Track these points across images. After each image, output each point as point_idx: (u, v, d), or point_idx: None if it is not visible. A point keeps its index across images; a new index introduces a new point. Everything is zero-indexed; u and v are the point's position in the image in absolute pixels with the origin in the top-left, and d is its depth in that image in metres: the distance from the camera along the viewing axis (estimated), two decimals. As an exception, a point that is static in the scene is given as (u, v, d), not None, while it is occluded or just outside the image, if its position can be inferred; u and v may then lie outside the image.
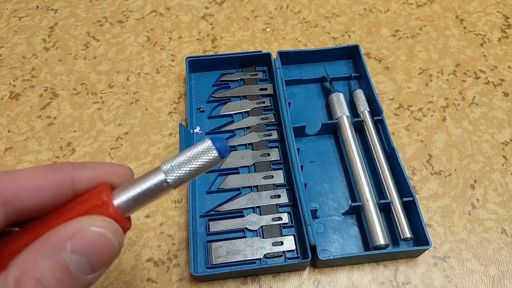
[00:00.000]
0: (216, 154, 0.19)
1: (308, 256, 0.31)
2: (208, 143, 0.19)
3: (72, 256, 0.16)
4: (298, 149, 0.37)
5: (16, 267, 0.16)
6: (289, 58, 0.43)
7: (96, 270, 0.17)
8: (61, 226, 0.17)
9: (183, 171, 0.19)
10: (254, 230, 0.35)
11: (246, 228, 0.35)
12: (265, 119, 0.40)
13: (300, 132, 0.39)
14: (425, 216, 0.36)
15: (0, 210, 0.17)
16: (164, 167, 0.19)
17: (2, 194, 0.17)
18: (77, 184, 0.19)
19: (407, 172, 0.38)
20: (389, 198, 0.35)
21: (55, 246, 0.16)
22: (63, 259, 0.16)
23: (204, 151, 0.19)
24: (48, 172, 0.19)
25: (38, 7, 0.52)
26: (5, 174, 0.18)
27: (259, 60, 0.44)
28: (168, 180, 0.19)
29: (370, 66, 0.45)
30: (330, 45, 0.47)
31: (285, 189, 0.36)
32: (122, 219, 0.18)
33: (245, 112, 0.41)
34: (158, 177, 0.19)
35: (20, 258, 0.16)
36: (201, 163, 0.19)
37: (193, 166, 0.19)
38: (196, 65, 0.43)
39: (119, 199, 0.18)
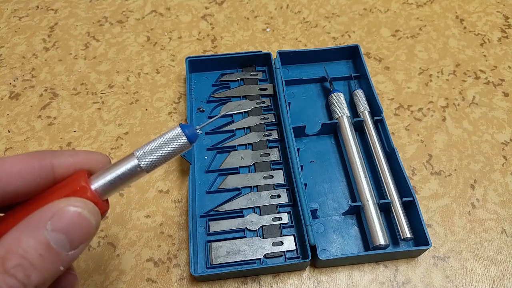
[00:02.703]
0: (185, 140, 0.20)
1: (308, 256, 0.31)
2: (177, 130, 0.20)
3: (52, 234, 0.18)
4: (298, 149, 0.37)
5: (1, 246, 0.17)
6: (289, 58, 0.43)
7: (75, 247, 0.18)
8: (41, 208, 0.18)
9: (155, 157, 0.20)
10: (254, 230, 0.35)
11: (246, 228, 0.35)
12: (265, 119, 0.40)
13: (300, 132, 0.39)
14: (425, 216, 0.36)
15: None
16: (137, 153, 0.20)
17: None
18: (57, 170, 0.20)
19: (407, 172, 0.38)
20: (389, 198, 0.35)
21: (37, 226, 0.17)
22: (45, 237, 0.17)
23: (174, 137, 0.20)
24: (29, 158, 0.20)
25: (38, 7, 0.52)
26: None
27: (259, 60, 0.44)
28: (141, 165, 0.20)
29: (370, 66, 0.45)
30: (330, 45, 0.47)
31: (285, 189, 0.36)
32: (100, 202, 0.20)
33: (245, 112, 0.41)
34: (132, 163, 0.20)
35: (5, 238, 0.17)
36: (172, 148, 0.20)
37: (164, 151, 0.20)
38: (196, 65, 0.43)
39: (96, 184, 0.20)
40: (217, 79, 0.43)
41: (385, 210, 0.35)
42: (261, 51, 0.43)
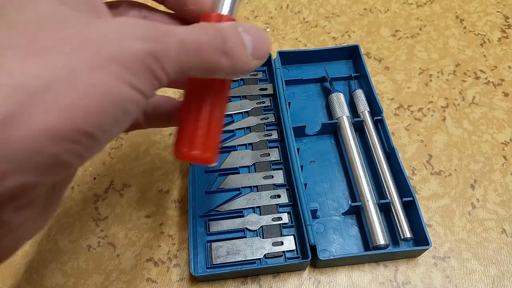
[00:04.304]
0: None
1: (308, 256, 0.31)
2: None
3: (243, 34, 0.20)
4: (298, 149, 0.37)
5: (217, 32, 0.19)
6: (289, 58, 0.43)
7: (257, 56, 0.20)
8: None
9: None
10: (254, 230, 0.35)
11: (246, 228, 0.35)
12: (265, 119, 0.40)
13: (300, 132, 0.39)
14: (425, 216, 0.36)
15: (169, 66, 0.17)
16: None
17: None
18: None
19: (407, 172, 0.38)
20: (389, 198, 0.35)
21: (234, 25, 0.20)
22: (240, 32, 0.20)
23: None
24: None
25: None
26: (166, 34, 0.18)
27: (259, 60, 0.43)
28: None
29: (370, 66, 0.45)
30: (330, 45, 0.47)
31: (285, 189, 0.36)
32: None
33: (245, 112, 0.41)
34: None
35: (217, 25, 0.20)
36: None
37: None
38: (196, 65, 0.43)
39: (228, 12, 0.22)
40: (217, 79, 0.43)
41: (385, 210, 0.35)
42: (261, 51, 0.43)
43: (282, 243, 0.34)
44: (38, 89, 0.14)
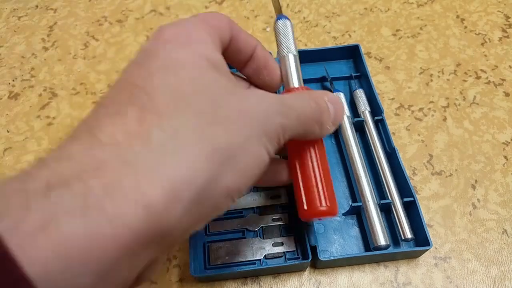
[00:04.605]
0: (286, 19, 0.28)
1: (309, 257, 0.31)
2: (281, 21, 0.28)
3: (329, 104, 0.24)
4: (298, 149, 0.37)
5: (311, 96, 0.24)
6: (289, 57, 0.43)
7: (335, 124, 0.25)
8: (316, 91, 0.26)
9: (290, 41, 0.28)
10: (254, 231, 0.34)
11: (246, 228, 0.34)
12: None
13: (300, 132, 0.39)
14: (425, 217, 0.35)
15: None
16: (283, 52, 0.28)
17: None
18: None
19: (408, 172, 0.38)
20: (390, 199, 0.35)
21: (323, 97, 0.24)
22: (326, 101, 0.24)
23: (282, 25, 0.28)
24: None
25: (37, 6, 0.51)
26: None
27: (259, 59, 0.43)
28: (294, 53, 0.28)
29: (371, 65, 0.45)
30: (330, 44, 0.47)
31: (285, 189, 0.36)
32: None
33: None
34: (291, 56, 0.28)
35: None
36: (287, 31, 0.28)
37: (287, 36, 0.28)
38: (196, 64, 0.43)
39: (297, 84, 0.28)
40: (217, 78, 0.43)
41: (386, 210, 0.35)
42: (261, 51, 0.43)
43: (282, 243, 0.34)
44: (229, 154, 0.18)
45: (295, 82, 0.27)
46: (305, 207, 0.25)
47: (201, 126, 0.17)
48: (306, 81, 0.43)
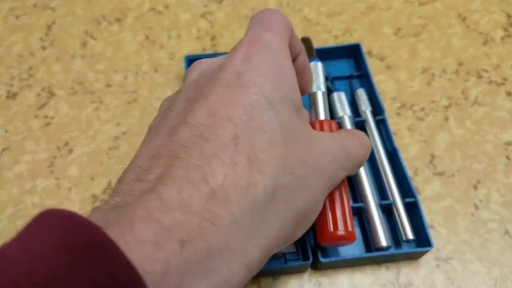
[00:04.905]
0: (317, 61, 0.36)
1: (309, 258, 0.31)
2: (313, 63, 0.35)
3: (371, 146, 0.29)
4: (298, 149, 0.36)
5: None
6: (290, 57, 0.43)
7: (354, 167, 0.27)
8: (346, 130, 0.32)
9: (320, 77, 0.36)
10: (254, 232, 0.34)
11: (246, 229, 0.34)
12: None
13: (300, 132, 0.39)
14: (427, 217, 0.35)
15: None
16: (315, 89, 0.34)
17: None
18: None
19: (409, 172, 0.37)
20: (391, 199, 0.34)
21: (366, 139, 0.28)
22: (371, 146, 0.31)
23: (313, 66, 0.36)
24: None
25: (35, 5, 0.51)
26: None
27: (259, 59, 0.43)
28: (323, 90, 0.35)
29: (372, 65, 0.45)
30: (331, 43, 0.47)
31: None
32: None
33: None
34: (320, 93, 0.35)
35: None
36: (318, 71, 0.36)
37: (317, 75, 0.36)
38: (196, 64, 0.42)
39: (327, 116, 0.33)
40: (217, 78, 0.43)
41: (387, 211, 0.35)
42: (261, 50, 0.42)
43: (282, 244, 0.33)
44: (306, 215, 0.21)
45: (322, 115, 0.33)
46: (331, 229, 0.26)
47: (291, 186, 0.19)
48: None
